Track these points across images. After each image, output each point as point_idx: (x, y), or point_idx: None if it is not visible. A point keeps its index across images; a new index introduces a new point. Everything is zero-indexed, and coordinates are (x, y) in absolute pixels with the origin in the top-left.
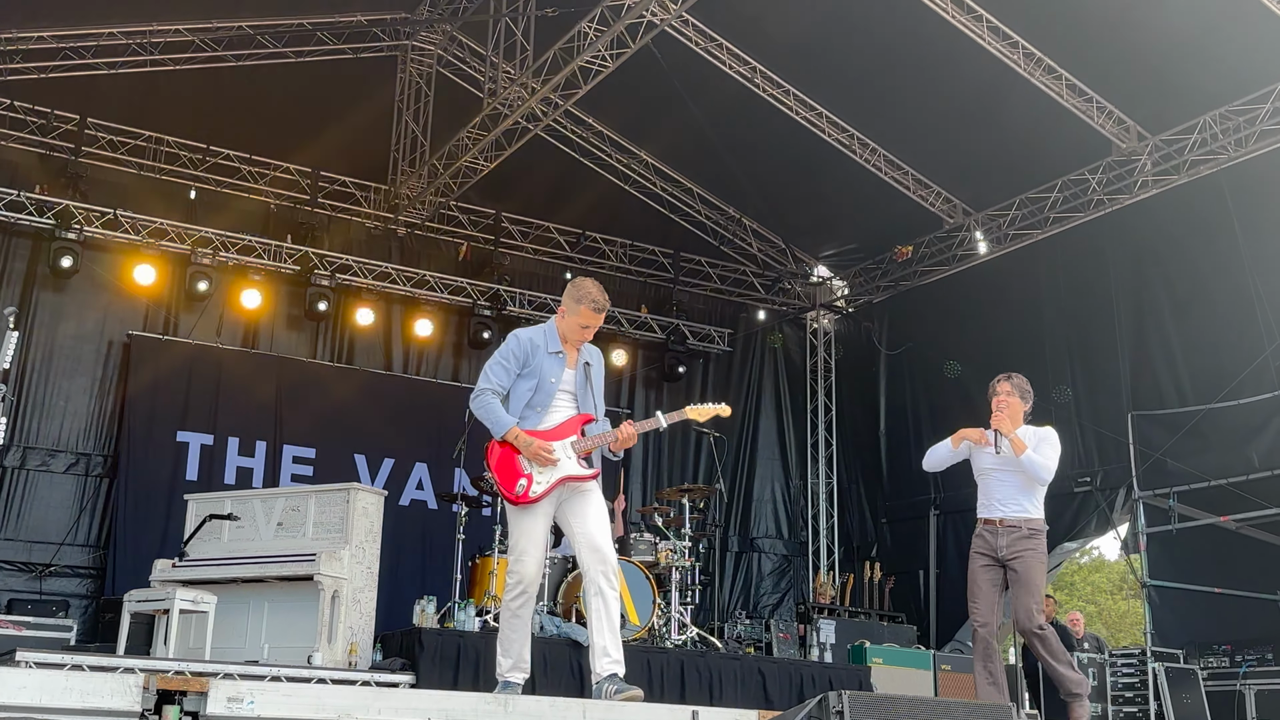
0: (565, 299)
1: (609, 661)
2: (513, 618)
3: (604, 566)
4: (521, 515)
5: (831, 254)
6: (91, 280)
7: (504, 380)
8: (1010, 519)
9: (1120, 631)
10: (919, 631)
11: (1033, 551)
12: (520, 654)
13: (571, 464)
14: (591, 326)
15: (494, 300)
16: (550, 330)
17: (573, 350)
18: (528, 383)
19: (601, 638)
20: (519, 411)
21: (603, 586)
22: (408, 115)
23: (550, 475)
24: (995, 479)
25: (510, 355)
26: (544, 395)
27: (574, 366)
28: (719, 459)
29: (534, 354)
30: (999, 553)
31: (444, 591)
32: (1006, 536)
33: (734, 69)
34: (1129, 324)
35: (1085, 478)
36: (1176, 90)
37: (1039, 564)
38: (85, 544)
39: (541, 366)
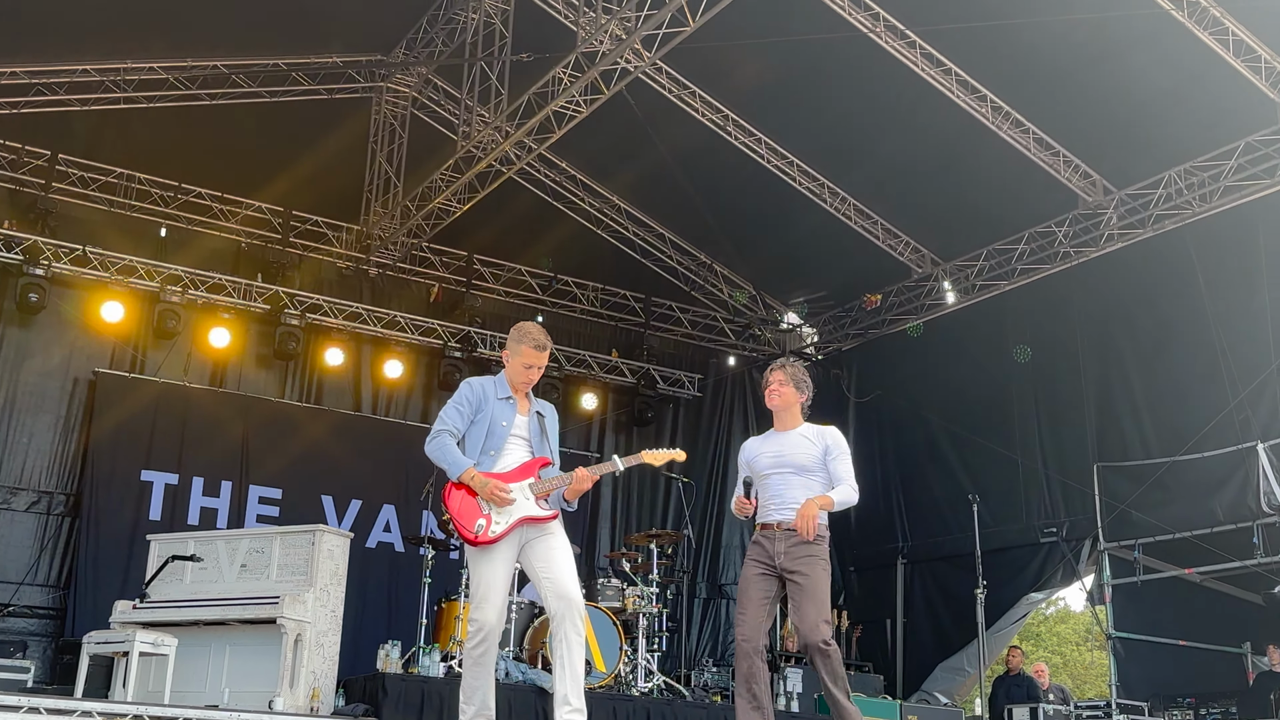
0: (509, 344)
1: (569, 710)
2: (475, 665)
3: (571, 614)
4: (481, 560)
5: (801, 301)
6: (58, 317)
7: (458, 423)
8: (790, 523)
9: (1086, 683)
10: (885, 681)
11: (815, 558)
12: (484, 701)
13: (530, 504)
14: (535, 366)
15: (465, 342)
16: (500, 380)
17: (523, 398)
18: (480, 428)
19: (564, 685)
20: (474, 458)
21: (568, 634)
22: (381, 156)
23: (508, 516)
24: (777, 479)
25: (464, 400)
26: (496, 439)
27: (526, 414)
28: (687, 504)
29: (485, 400)
30: (776, 560)
31: (409, 636)
32: (785, 542)
33: (706, 116)
34: (1095, 375)
35: (1051, 528)
36: (1142, 145)
37: (823, 572)
38: (45, 584)
39: (492, 412)
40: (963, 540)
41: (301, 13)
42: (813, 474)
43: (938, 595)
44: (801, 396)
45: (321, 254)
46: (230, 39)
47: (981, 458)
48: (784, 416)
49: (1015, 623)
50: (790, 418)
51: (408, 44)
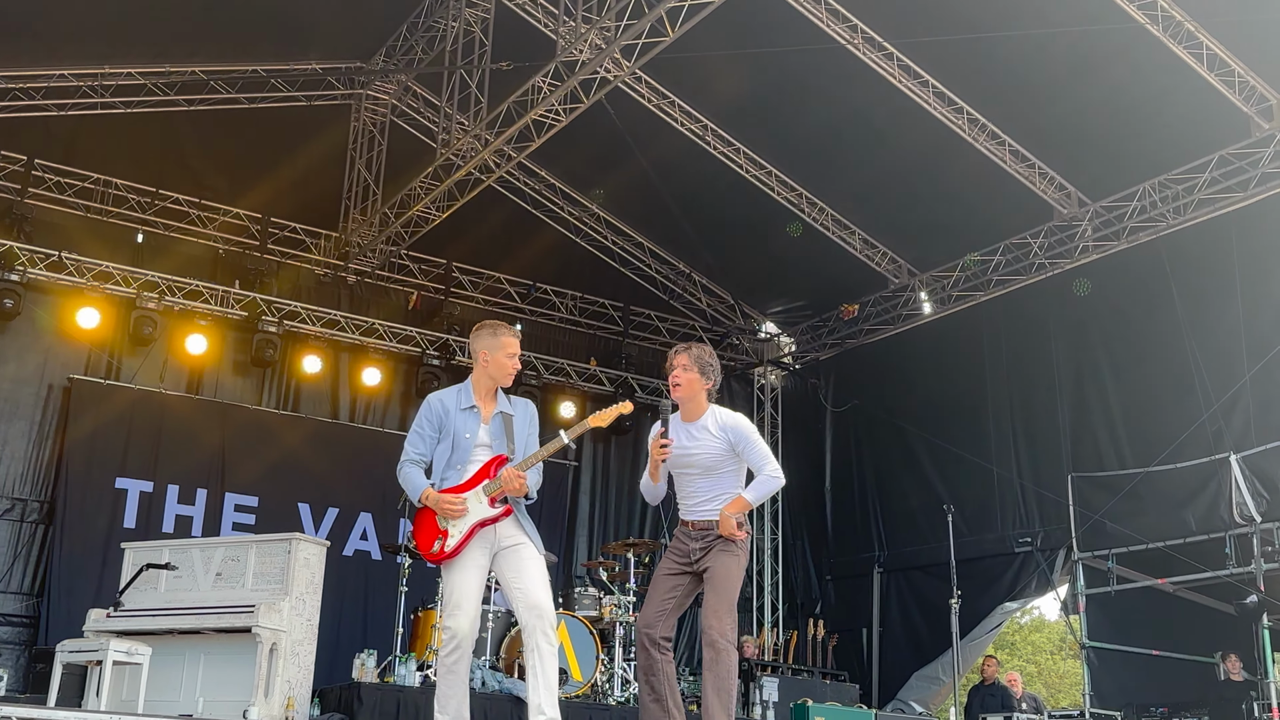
0: (480, 345)
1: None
2: (448, 674)
3: (542, 624)
4: (453, 568)
5: (779, 310)
6: (33, 323)
7: (421, 449)
8: (704, 521)
9: (1060, 692)
10: (861, 690)
11: (727, 554)
12: (459, 711)
13: (482, 508)
14: (518, 353)
15: (443, 350)
16: (465, 388)
17: (488, 404)
18: (444, 445)
19: (537, 695)
20: (441, 474)
21: (540, 643)
22: (360, 163)
23: (462, 526)
24: (688, 479)
25: (424, 422)
26: (461, 453)
27: (489, 420)
28: (664, 513)
29: (446, 416)
30: (692, 558)
31: (385, 645)
32: (701, 540)
33: (685, 125)
34: (1069, 386)
35: (1026, 538)
36: (1117, 158)
37: (735, 566)
38: (19, 591)
39: (455, 426)
40: (938, 549)
41: (281, 19)
42: (721, 472)
43: (913, 604)
44: (708, 383)
45: (300, 261)
46: (209, 45)
47: (957, 467)
48: (689, 406)
49: (990, 632)
50: (695, 407)
51: (387, 51)
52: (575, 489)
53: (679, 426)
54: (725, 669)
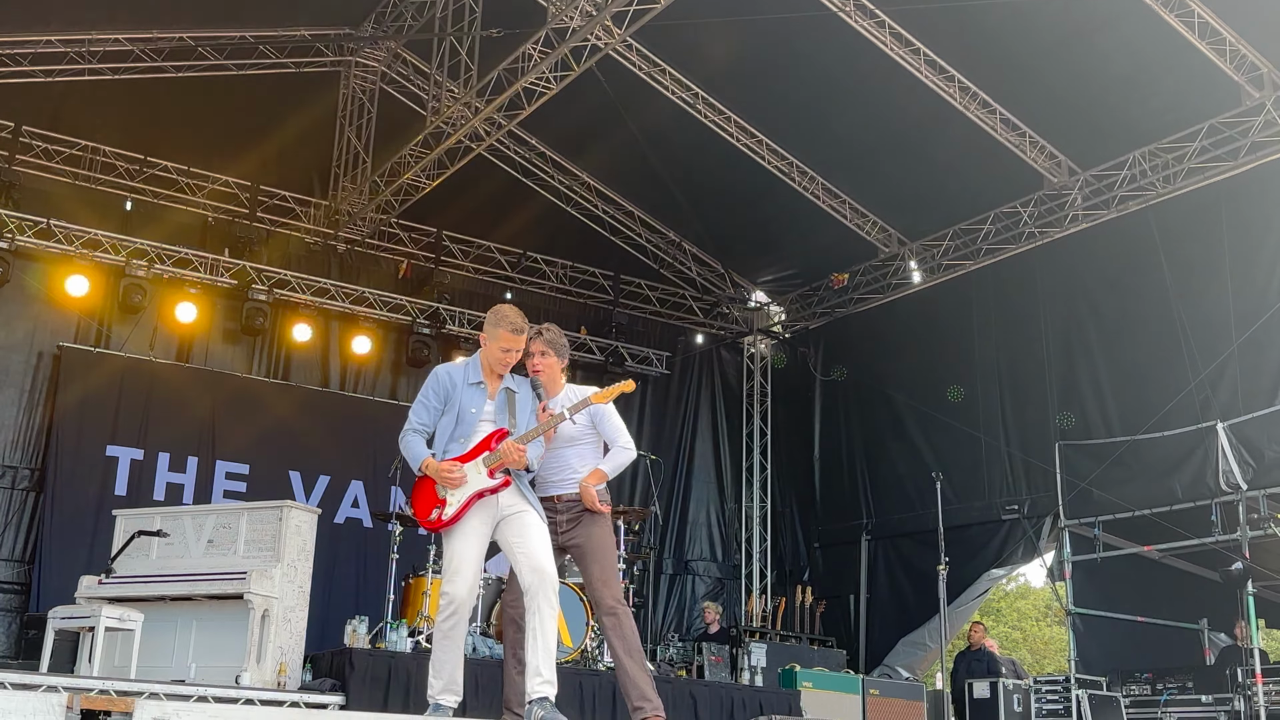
0: (486, 326)
1: (540, 682)
2: (444, 639)
3: (545, 587)
4: (454, 534)
5: (769, 279)
6: (22, 290)
7: (425, 419)
8: (569, 495)
9: (1045, 658)
10: (848, 655)
11: (596, 524)
12: (452, 676)
13: (481, 479)
14: (512, 350)
15: (433, 318)
16: (474, 362)
17: (494, 380)
18: (450, 417)
19: (535, 657)
20: (444, 445)
21: (541, 606)
22: (350, 131)
23: (460, 495)
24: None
25: (430, 393)
26: (465, 427)
27: (494, 396)
28: (655, 481)
29: (454, 389)
30: (558, 532)
31: (377, 611)
32: (568, 513)
33: (676, 94)
34: (1058, 355)
35: (1013, 505)
36: (1107, 127)
37: (608, 534)
38: (10, 559)
39: (461, 400)
40: (926, 517)
41: None
42: (582, 442)
43: (901, 571)
44: (562, 362)
45: (289, 229)
46: (196, 10)
47: (945, 436)
48: (549, 386)
49: (976, 598)
50: (554, 386)
51: (376, 18)
52: None
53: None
54: (629, 630)
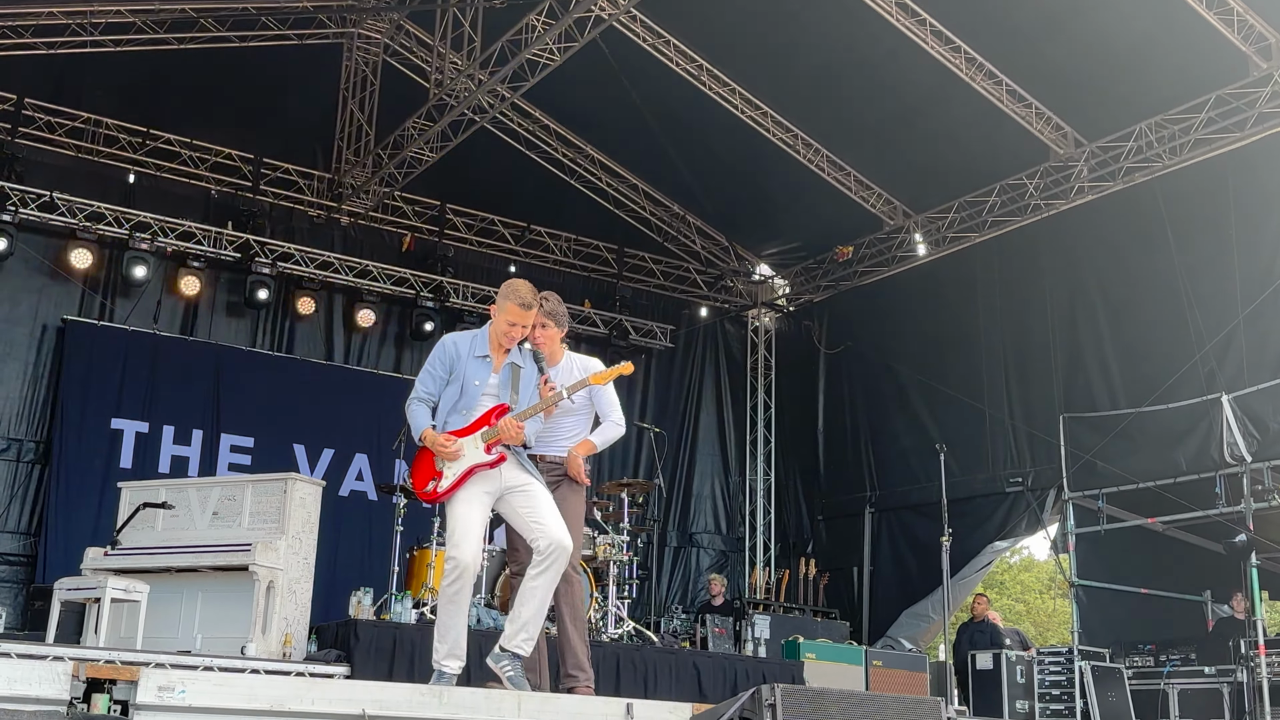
0: (497, 299)
1: (524, 639)
2: (449, 603)
3: (562, 557)
4: (455, 504)
5: (774, 252)
6: (26, 263)
7: (431, 388)
8: (553, 457)
9: (1048, 630)
10: (852, 627)
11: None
12: (456, 641)
13: (478, 453)
14: (519, 324)
15: (437, 292)
16: (481, 334)
17: (500, 354)
18: (454, 388)
19: (527, 611)
20: (445, 416)
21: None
22: (353, 104)
23: (456, 469)
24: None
25: (436, 362)
26: (468, 399)
27: (499, 370)
28: (659, 454)
29: (459, 359)
30: None
31: (381, 583)
32: (548, 475)
33: (681, 66)
34: (1063, 327)
35: (1017, 478)
36: (1114, 98)
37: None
38: (15, 531)
39: (466, 371)
40: (929, 489)
41: None
42: (577, 412)
43: (904, 543)
44: (561, 331)
45: (292, 202)
46: None
47: (949, 408)
48: (548, 357)
49: (980, 570)
50: (553, 355)
51: None
52: None
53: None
54: (579, 599)
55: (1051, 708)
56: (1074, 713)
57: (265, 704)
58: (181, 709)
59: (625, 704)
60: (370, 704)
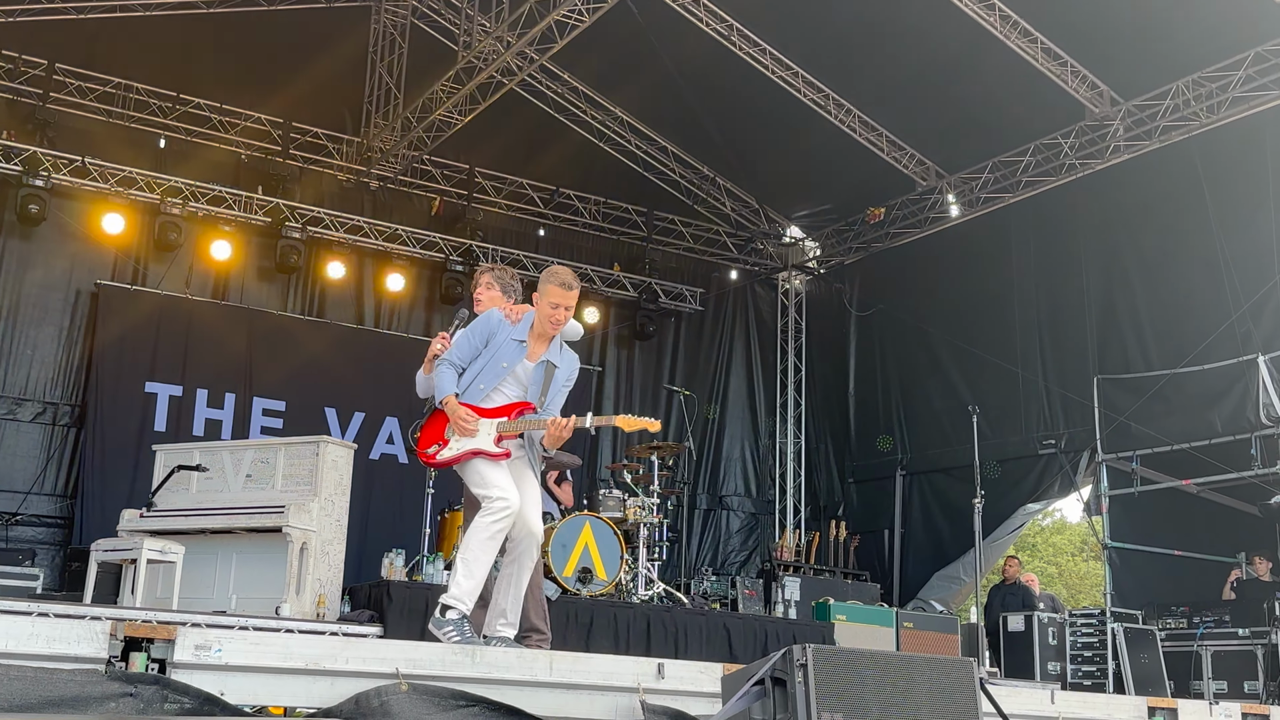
0: (539, 285)
1: (504, 624)
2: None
3: (533, 545)
4: (477, 463)
5: (804, 215)
6: (59, 228)
7: (464, 353)
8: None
9: (1080, 593)
10: (883, 590)
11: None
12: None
13: (486, 441)
14: (562, 305)
15: (466, 255)
16: (527, 319)
17: (539, 344)
18: (482, 360)
19: (505, 600)
20: (466, 384)
21: (522, 558)
22: (381, 67)
23: (460, 446)
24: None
25: (476, 330)
26: (491, 375)
27: (534, 360)
28: (689, 417)
29: (496, 334)
30: None
31: (413, 545)
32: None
33: (710, 25)
34: (1097, 288)
35: (1050, 440)
36: (1150, 56)
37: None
38: (52, 493)
39: (499, 349)
40: (961, 452)
41: None
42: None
43: (936, 506)
44: (507, 300)
45: (322, 167)
46: None
47: (982, 370)
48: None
49: (1012, 533)
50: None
51: None
52: (599, 393)
53: None
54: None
55: (1083, 669)
56: (1106, 675)
57: (300, 663)
58: (218, 667)
59: (657, 664)
60: (404, 663)
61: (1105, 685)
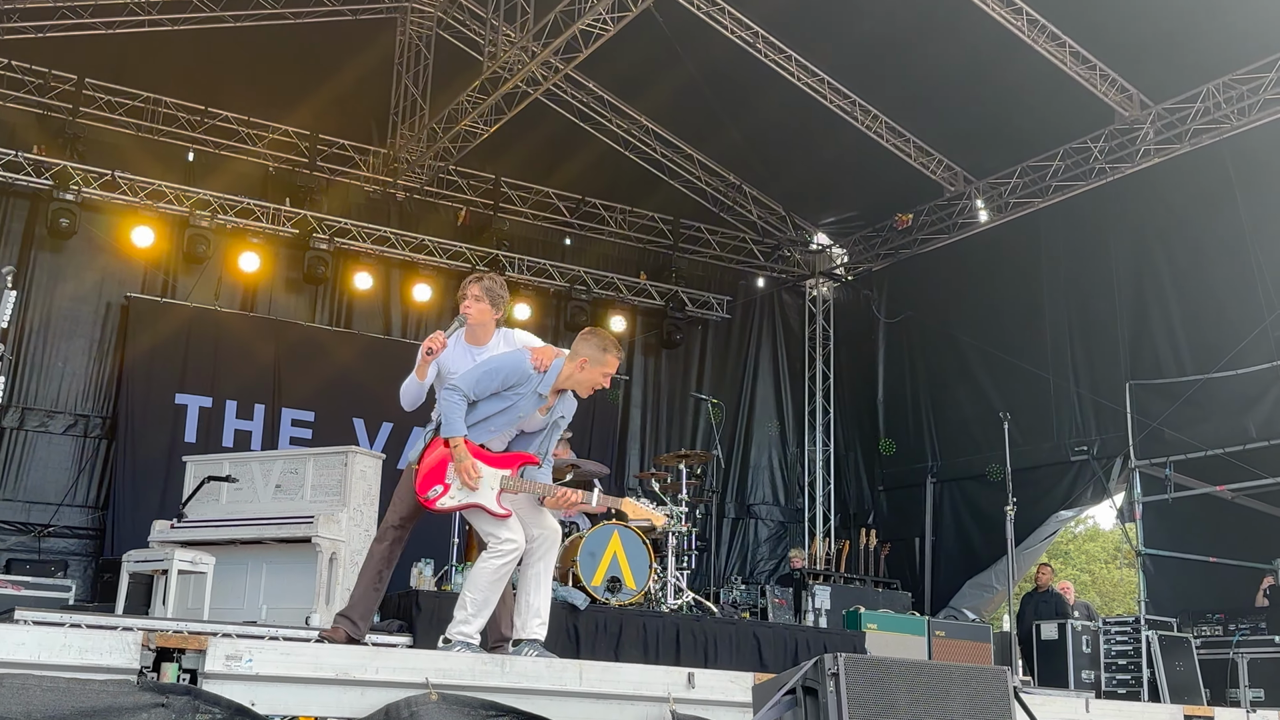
0: (586, 349)
1: (539, 624)
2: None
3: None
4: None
5: (831, 221)
6: (89, 241)
7: (481, 389)
8: None
9: (1114, 600)
10: (914, 598)
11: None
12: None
13: (489, 496)
14: (609, 376)
15: (493, 265)
16: (554, 370)
17: (553, 397)
18: (499, 404)
19: (538, 599)
20: (477, 420)
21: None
22: (407, 78)
23: (463, 497)
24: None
25: (499, 372)
26: (504, 421)
27: (544, 414)
28: (716, 425)
29: (524, 384)
30: None
31: (442, 554)
32: None
33: (735, 33)
34: (1129, 293)
35: (1082, 446)
36: (1180, 58)
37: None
38: (84, 505)
39: (521, 398)
40: (993, 458)
41: None
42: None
43: (967, 513)
44: (496, 313)
45: (349, 178)
46: None
47: (1013, 376)
48: (476, 332)
49: (1044, 540)
50: (482, 333)
51: None
52: (627, 401)
53: (465, 349)
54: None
55: (1118, 678)
56: (1141, 683)
57: (331, 673)
58: (249, 677)
59: (687, 673)
60: (433, 673)
61: (1140, 694)
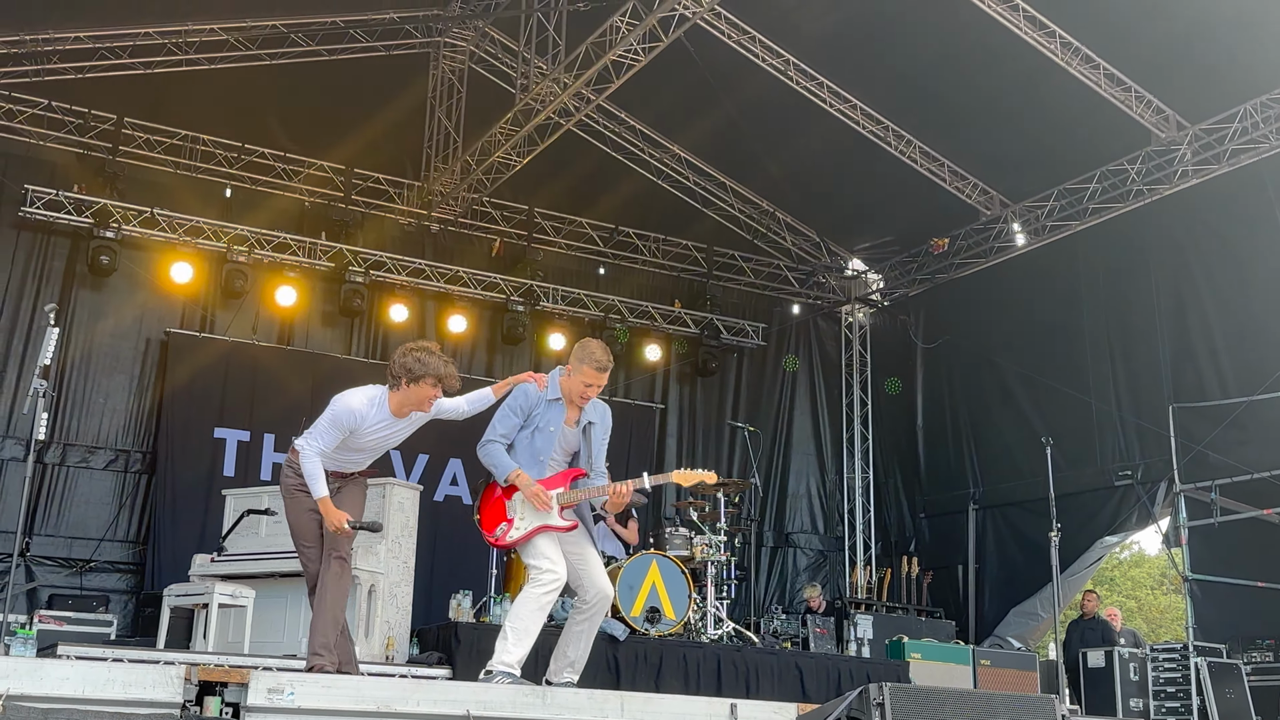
0: (571, 359)
1: (570, 671)
2: (540, 611)
3: (605, 606)
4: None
5: (866, 247)
6: (129, 278)
7: (508, 429)
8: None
9: (1161, 627)
10: (958, 626)
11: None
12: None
13: (553, 515)
14: (595, 385)
15: (528, 296)
16: (553, 380)
17: (574, 409)
18: (527, 432)
19: (577, 652)
20: (521, 459)
21: (594, 617)
22: (440, 112)
23: (530, 522)
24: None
25: (516, 407)
26: (545, 442)
27: (573, 424)
28: (754, 453)
29: (534, 405)
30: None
31: (480, 586)
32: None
33: (767, 62)
34: (1169, 315)
35: (1126, 471)
36: (1216, 79)
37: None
38: (125, 539)
39: (541, 416)
40: (1035, 484)
41: None
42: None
43: (1010, 540)
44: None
45: (384, 211)
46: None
47: (1054, 401)
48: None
49: (1089, 566)
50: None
51: None
52: (662, 430)
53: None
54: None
55: (1167, 705)
56: (1191, 710)
57: (372, 705)
58: (291, 710)
59: (730, 704)
60: (474, 704)
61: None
